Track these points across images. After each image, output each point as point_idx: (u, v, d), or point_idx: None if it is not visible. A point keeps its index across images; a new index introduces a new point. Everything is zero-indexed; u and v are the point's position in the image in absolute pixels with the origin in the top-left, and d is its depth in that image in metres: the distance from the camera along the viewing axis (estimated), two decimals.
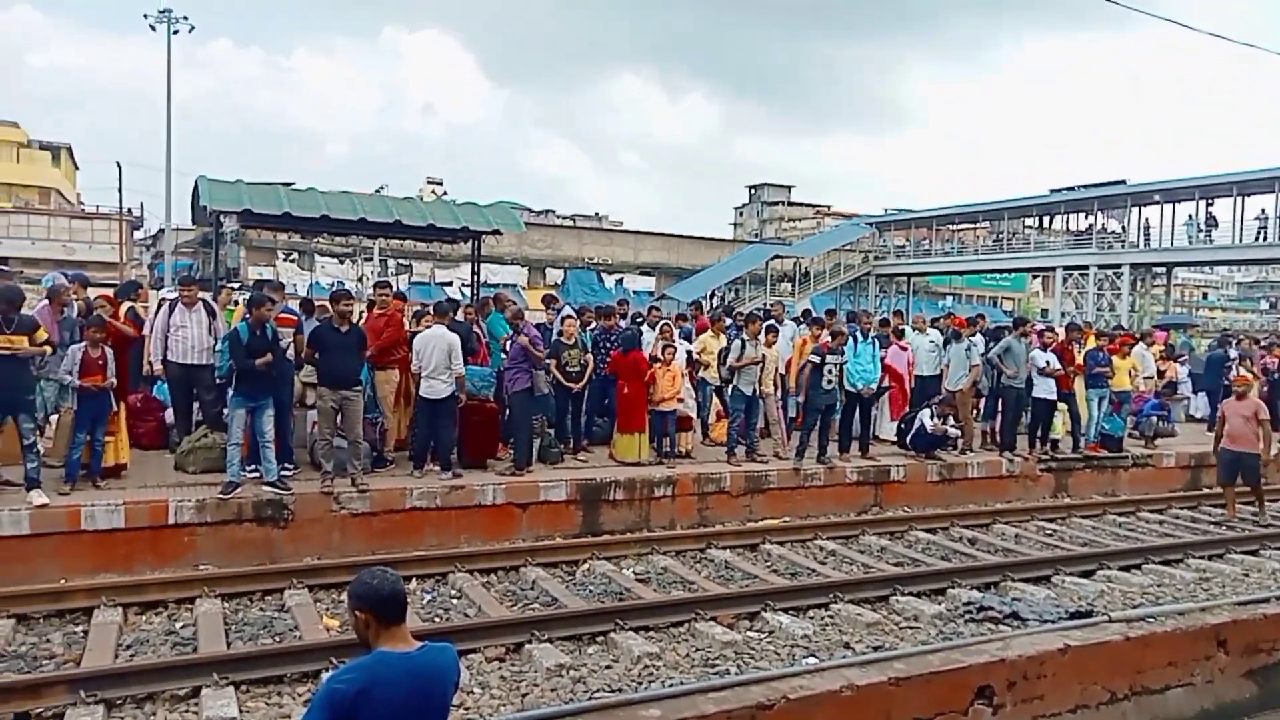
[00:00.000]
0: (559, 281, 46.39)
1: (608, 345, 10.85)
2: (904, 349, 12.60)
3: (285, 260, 44.46)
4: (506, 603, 7.21)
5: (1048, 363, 11.82)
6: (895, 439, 12.09)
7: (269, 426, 8.31)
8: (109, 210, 46.17)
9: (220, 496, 7.89)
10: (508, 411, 9.83)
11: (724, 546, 8.78)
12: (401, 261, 44.17)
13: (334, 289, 10.31)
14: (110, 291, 10.50)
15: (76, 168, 61.92)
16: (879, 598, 7.42)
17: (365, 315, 10.20)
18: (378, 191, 27.99)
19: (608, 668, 5.88)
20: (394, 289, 10.69)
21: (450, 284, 45.13)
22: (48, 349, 7.79)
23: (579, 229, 55.44)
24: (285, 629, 6.41)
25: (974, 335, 12.25)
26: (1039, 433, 12.18)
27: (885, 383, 11.92)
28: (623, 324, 11.62)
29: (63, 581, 7.03)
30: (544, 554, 8.25)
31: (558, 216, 66.76)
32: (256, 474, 8.37)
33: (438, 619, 6.72)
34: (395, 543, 8.39)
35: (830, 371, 10.61)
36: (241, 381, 8.15)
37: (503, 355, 10.10)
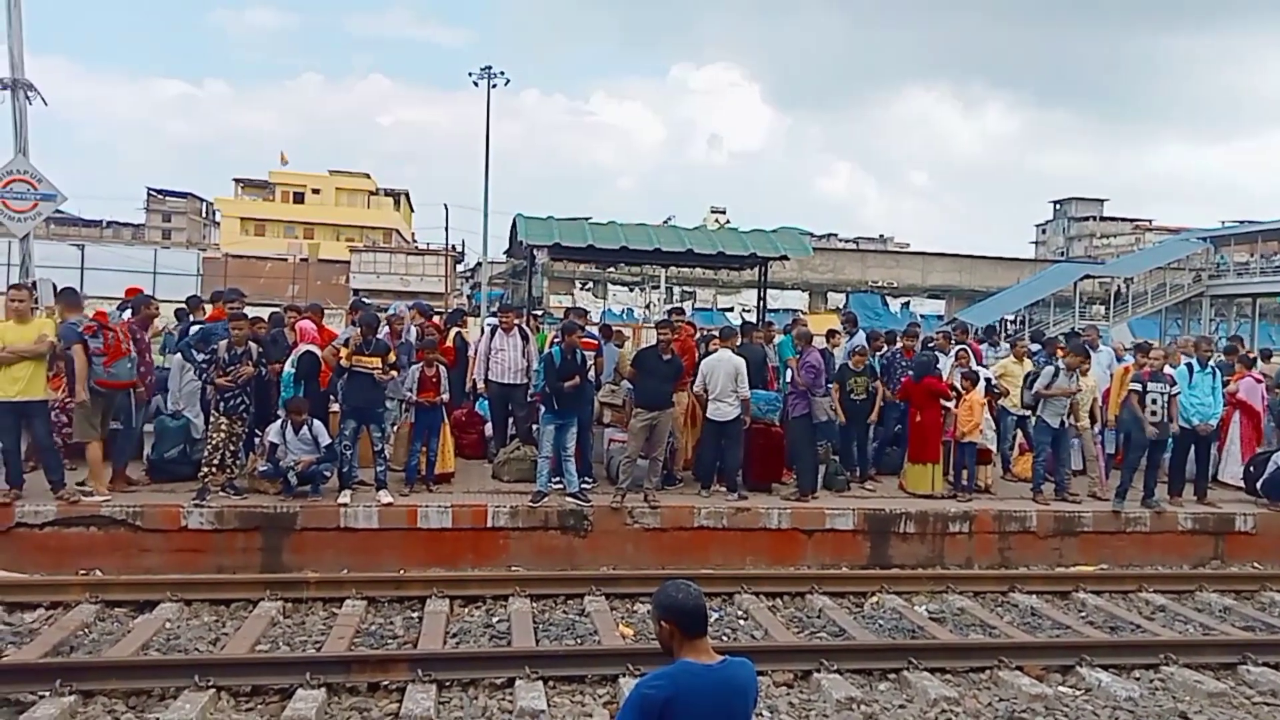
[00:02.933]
0: (840, 305, 45.60)
1: (899, 371, 10.46)
2: (1258, 380, 10.93)
3: (582, 289, 47.84)
4: (793, 629, 7.15)
5: None
6: (1242, 484, 10.48)
7: (572, 443, 8.95)
8: (437, 247, 52.42)
9: (530, 504, 8.60)
10: (790, 435, 9.78)
11: (1029, 591, 8.08)
12: (686, 288, 45.76)
13: (659, 320, 10.87)
14: (439, 319, 11.90)
15: (412, 210, 71.09)
16: (1223, 665, 6.45)
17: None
18: (666, 222, 29.30)
19: (901, 707, 5.63)
20: (685, 314, 11.12)
21: (731, 309, 46.04)
22: (395, 373, 8.94)
23: (862, 251, 54.21)
24: (585, 632, 6.82)
25: None
26: None
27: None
28: (898, 346, 11.14)
29: (401, 571, 8.01)
30: (830, 582, 8.09)
31: (840, 240, 65.75)
32: (560, 485, 9.04)
33: (725, 638, 6.82)
34: (683, 559, 8.64)
35: (1155, 403, 9.44)
36: (552, 401, 8.84)
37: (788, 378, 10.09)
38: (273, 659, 5.93)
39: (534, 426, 9.64)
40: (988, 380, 10.53)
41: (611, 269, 41.44)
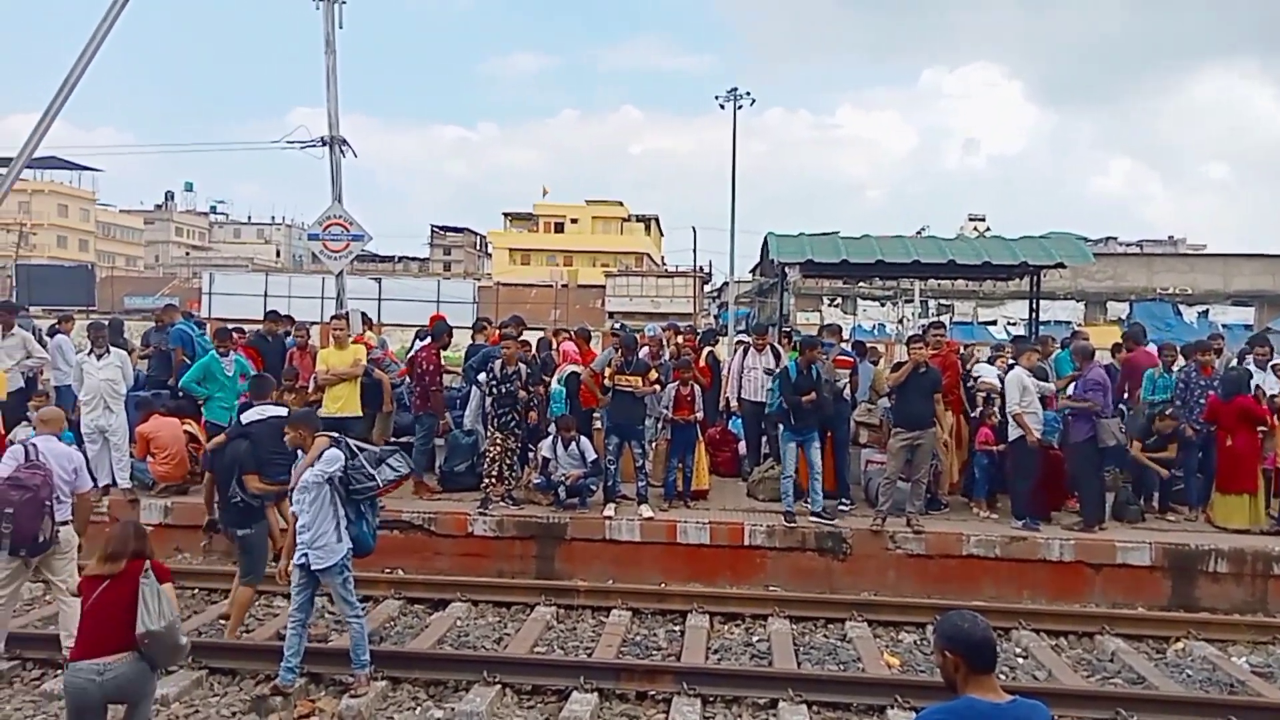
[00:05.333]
0: (1123, 316, 41.27)
1: (1198, 391, 9.25)
2: None
3: (829, 305, 46.94)
4: (1081, 671, 6.54)
5: None
6: None
7: (816, 460, 8.76)
8: (685, 269, 53.81)
9: (786, 524, 8.53)
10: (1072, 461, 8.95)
11: None
12: (943, 302, 43.52)
13: (911, 336, 10.41)
14: (693, 339, 12.16)
15: (662, 234, 73.50)
16: None
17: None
18: (919, 232, 28.05)
19: None
20: (946, 330, 10.57)
21: (994, 323, 43.14)
22: (657, 388, 9.25)
23: (1147, 255, 48.78)
24: (848, 659, 6.64)
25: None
26: None
27: None
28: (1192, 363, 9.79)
29: (662, 585, 8.23)
30: (1124, 623, 7.32)
31: (1120, 244, 59.80)
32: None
33: (1003, 676, 6.33)
34: (950, 589, 8.18)
35: None
36: (791, 417, 8.72)
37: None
38: (550, 661, 6.32)
39: None
40: None
41: (863, 284, 40.33)
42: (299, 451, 5.70)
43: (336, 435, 5.78)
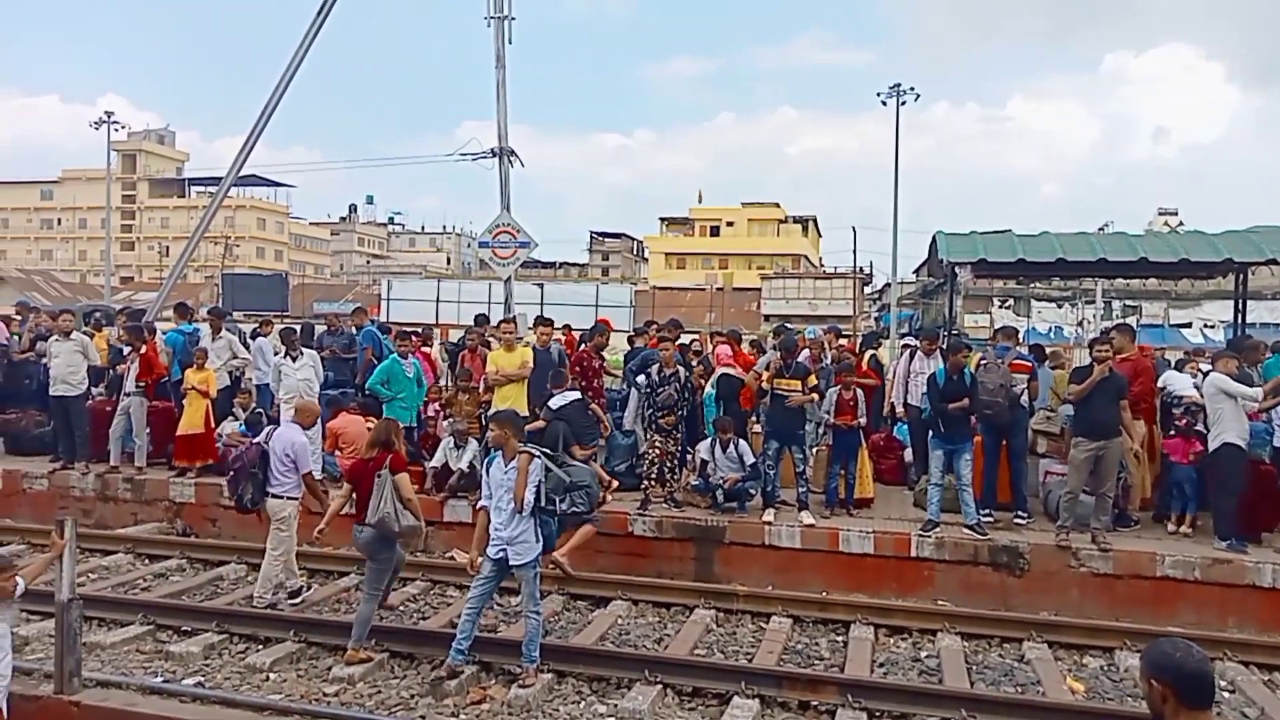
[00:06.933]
0: None
1: None
2: None
3: (1000, 307, 44.55)
4: None
5: None
6: None
7: (966, 470, 8.32)
8: (844, 270, 52.55)
9: (919, 533, 8.17)
10: None
11: None
12: (1128, 303, 40.46)
13: (1094, 338, 9.71)
14: (850, 341, 11.85)
15: (820, 235, 72.18)
16: None
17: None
18: (1102, 228, 26.16)
19: None
20: (1134, 333, 9.80)
21: (1188, 325, 39.72)
22: (815, 397, 9.06)
23: None
24: (1026, 681, 6.26)
25: None
26: None
27: None
28: None
29: (824, 594, 8.04)
30: None
31: None
32: (990, 518, 8.45)
33: None
34: (1141, 612, 7.56)
35: None
36: (939, 424, 8.31)
37: None
38: (711, 664, 6.28)
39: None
40: None
41: (1037, 284, 38.09)
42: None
43: (545, 452, 6.07)
